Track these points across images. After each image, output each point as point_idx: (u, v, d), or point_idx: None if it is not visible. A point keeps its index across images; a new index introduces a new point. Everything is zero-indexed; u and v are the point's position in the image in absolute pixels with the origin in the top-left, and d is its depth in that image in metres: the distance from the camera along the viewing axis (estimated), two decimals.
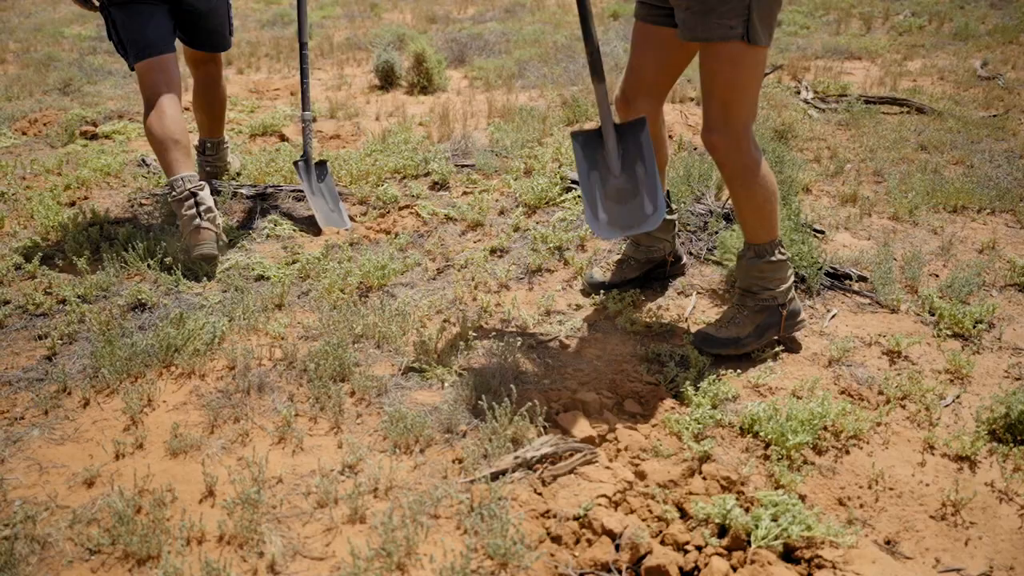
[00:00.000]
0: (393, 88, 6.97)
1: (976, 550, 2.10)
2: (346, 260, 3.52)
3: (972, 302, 3.24)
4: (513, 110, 5.76)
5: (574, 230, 3.73)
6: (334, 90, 6.86)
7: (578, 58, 7.64)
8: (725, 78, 2.58)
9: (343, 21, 10.68)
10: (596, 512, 2.07)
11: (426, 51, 6.84)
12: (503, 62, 7.57)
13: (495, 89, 6.80)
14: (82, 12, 10.76)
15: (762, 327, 2.85)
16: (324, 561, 1.97)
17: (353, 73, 7.59)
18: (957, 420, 2.59)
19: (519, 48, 8.24)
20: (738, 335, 2.84)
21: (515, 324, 3.07)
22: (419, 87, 6.84)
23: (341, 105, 6.08)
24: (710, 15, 2.51)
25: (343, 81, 7.15)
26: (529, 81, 6.97)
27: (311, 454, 2.36)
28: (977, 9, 9.29)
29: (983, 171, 4.61)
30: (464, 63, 7.85)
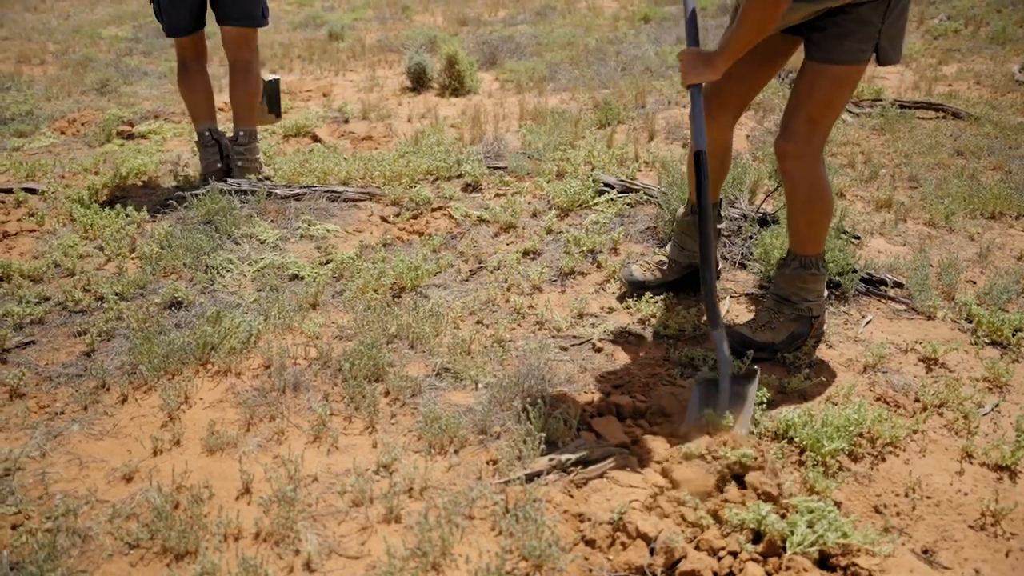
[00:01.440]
0: (425, 90, 7.00)
1: (1018, 562, 2.08)
2: (380, 260, 3.54)
3: (1011, 309, 3.20)
4: (545, 112, 5.77)
5: (607, 233, 3.72)
6: (366, 92, 6.90)
7: (608, 60, 7.64)
8: (825, 95, 2.63)
9: (374, 23, 10.73)
10: (630, 516, 2.06)
11: (458, 53, 6.86)
12: (534, 64, 7.57)
13: (526, 91, 6.80)
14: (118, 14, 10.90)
15: (795, 335, 2.89)
16: (360, 560, 1.99)
17: (385, 75, 7.63)
18: (996, 429, 2.56)
19: (550, 51, 8.25)
20: (773, 340, 2.86)
21: (548, 326, 3.07)
22: (451, 89, 6.86)
23: (373, 107, 6.12)
24: (845, 39, 2.55)
25: (375, 83, 7.19)
26: (560, 84, 6.97)
27: (346, 453, 2.37)
28: (1015, 13, 9.16)
29: (1021, 177, 4.55)
30: (495, 65, 7.86)
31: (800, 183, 2.75)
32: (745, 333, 2.88)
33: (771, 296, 2.95)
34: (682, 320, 3.07)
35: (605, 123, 5.55)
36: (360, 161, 4.68)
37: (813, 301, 2.89)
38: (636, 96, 6.20)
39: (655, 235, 3.70)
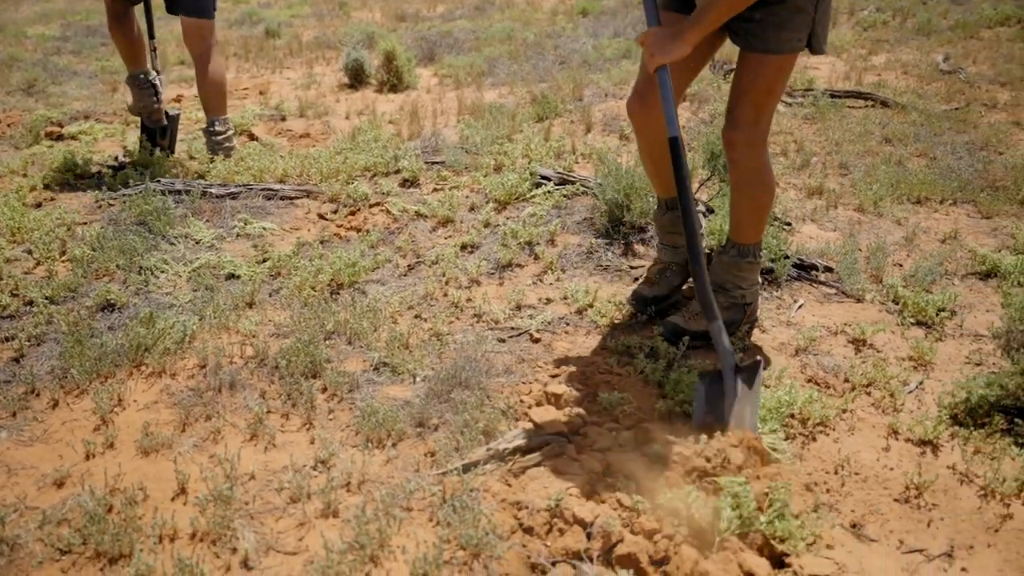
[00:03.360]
0: (363, 87, 6.96)
1: (938, 531, 2.14)
2: (317, 258, 3.52)
3: (935, 291, 3.29)
4: (483, 107, 5.78)
5: (544, 225, 3.75)
6: (303, 89, 6.84)
7: (546, 54, 7.68)
8: (767, 83, 2.66)
9: (312, 20, 10.64)
10: (567, 502, 2.08)
11: (396, 49, 6.84)
12: (473, 60, 7.58)
13: (465, 87, 6.81)
14: (45, 12, 10.65)
15: (728, 323, 2.87)
16: (297, 556, 1.98)
17: (322, 72, 7.57)
18: (920, 406, 2.64)
19: (488, 45, 8.26)
20: (706, 329, 2.81)
21: (486, 319, 3.09)
22: (389, 85, 6.83)
23: (311, 104, 6.07)
24: (783, 29, 2.57)
25: (312, 80, 7.13)
26: (499, 78, 6.99)
27: (283, 450, 2.36)
28: (939, 5, 9.42)
29: (945, 163, 4.68)
30: (434, 61, 7.85)
31: (747, 171, 2.77)
32: (678, 323, 2.90)
33: None
34: (618, 310, 3.10)
35: (543, 116, 5.58)
36: (297, 159, 4.64)
37: (747, 289, 2.93)
38: (573, 89, 6.24)
39: (592, 226, 3.74)
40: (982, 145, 5.04)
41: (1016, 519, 2.16)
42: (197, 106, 5.66)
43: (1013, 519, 2.16)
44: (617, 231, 3.64)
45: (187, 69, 7.21)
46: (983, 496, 2.25)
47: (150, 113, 4.68)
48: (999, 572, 2.00)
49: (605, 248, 3.57)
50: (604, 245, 3.59)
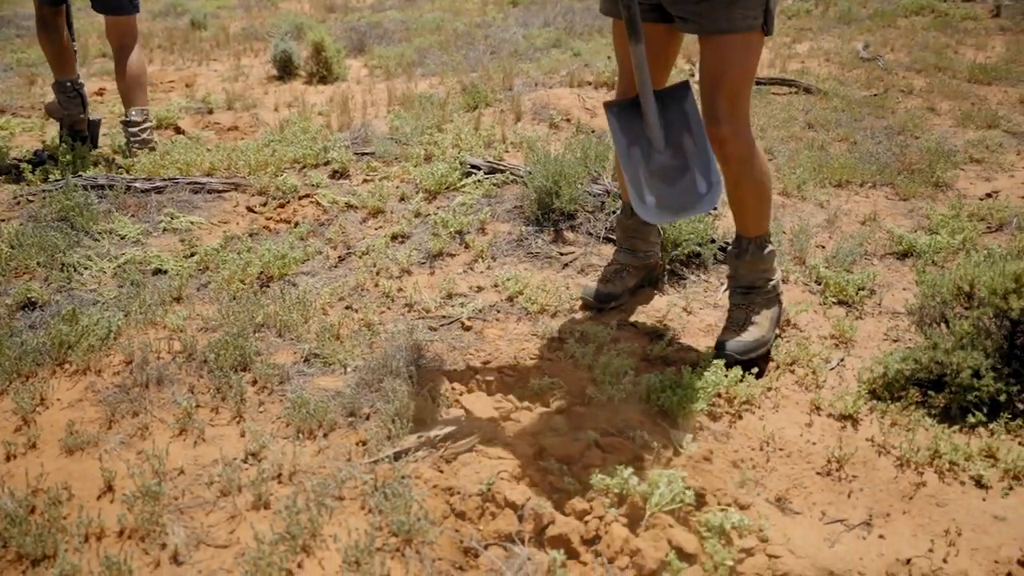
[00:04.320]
0: (292, 78, 6.89)
1: (858, 501, 2.22)
2: (246, 251, 3.48)
3: (855, 271, 3.39)
4: (413, 98, 5.77)
5: (474, 213, 3.76)
6: (231, 81, 6.74)
7: (477, 44, 7.68)
8: (739, 69, 2.54)
9: (239, 11, 10.47)
10: (499, 486, 2.11)
11: (324, 40, 6.78)
12: (403, 50, 7.55)
13: (395, 77, 6.78)
14: None
15: (774, 319, 2.82)
16: (228, 548, 1.97)
17: (250, 64, 7.46)
18: (841, 382, 2.73)
19: (419, 36, 8.23)
20: (763, 335, 2.75)
21: (418, 308, 3.09)
22: (318, 77, 6.77)
23: (238, 96, 5.99)
24: (734, 6, 2.46)
25: (240, 72, 7.03)
26: (429, 69, 6.98)
27: (213, 444, 2.34)
28: None
29: (865, 147, 4.82)
30: (363, 52, 7.80)
31: (742, 163, 2.63)
32: (735, 339, 2.71)
33: (736, 291, 2.83)
34: (549, 296, 3.13)
35: (473, 106, 5.59)
36: (224, 151, 4.58)
37: (776, 279, 2.84)
38: (503, 79, 6.25)
39: (522, 214, 3.76)
40: (899, 130, 5.19)
41: (929, 486, 2.25)
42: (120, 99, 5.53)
43: (926, 486, 2.25)
44: (547, 218, 3.67)
45: (108, 62, 7.03)
46: (899, 466, 2.33)
47: (74, 123, 4.63)
48: (913, 537, 2.08)
49: (535, 235, 3.60)
50: (534, 232, 3.62)
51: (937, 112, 5.72)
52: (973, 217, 3.92)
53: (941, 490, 2.24)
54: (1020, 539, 2.05)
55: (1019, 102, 5.94)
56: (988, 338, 2.56)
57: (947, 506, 2.18)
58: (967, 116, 5.52)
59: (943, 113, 5.72)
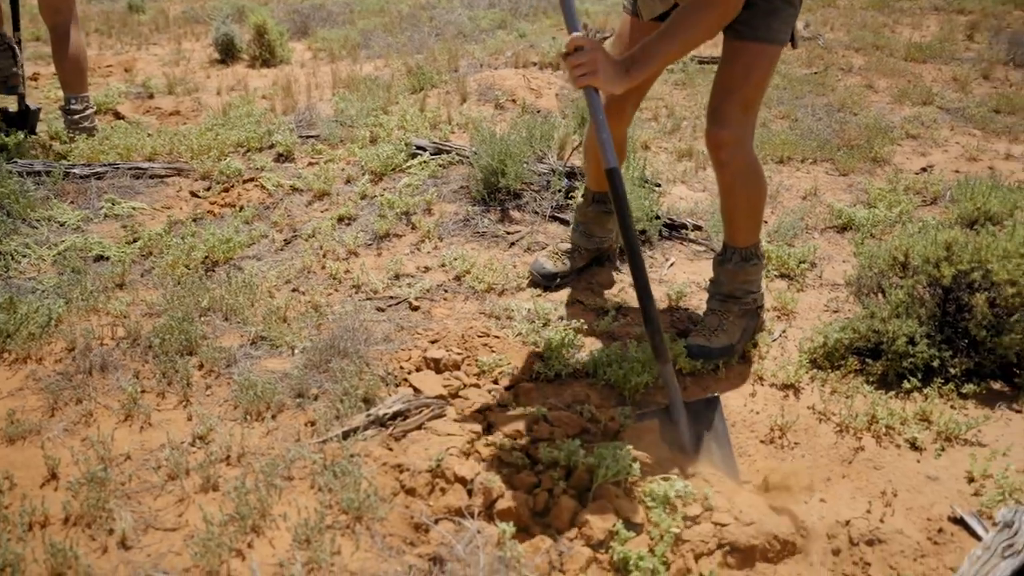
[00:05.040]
0: (234, 62, 6.79)
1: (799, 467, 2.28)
2: (190, 235, 3.44)
3: (796, 244, 3.46)
4: (358, 80, 5.73)
5: (420, 194, 3.76)
6: (172, 65, 6.62)
7: (422, 26, 7.64)
8: (758, 78, 2.50)
9: None
10: (448, 462, 2.12)
11: (267, 23, 6.70)
12: (347, 32, 7.48)
13: (339, 60, 6.72)
14: None
15: (747, 331, 2.77)
16: (177, 531, 1.96)
17: (191, 48, 7.34)
18: (783, 352, 2.79)
19: (363, 18, 8.17)
20: (730, 342, 2.70)
21: (365, 289, 3.09)
22: (261, 60, 6.69)
23: (180, 81, 5.89)
24: (772, 17, 2.44)
25: (181, 56, 6.91)
26: (374, 51, 6.93)
27: (160, 429, 2.33)
28: None
29: (806, 124, 4.91)
30: (307, 35, 7.72)
31: (739, 171, 2.59)
32: (702, 343, 2.68)
33: (715, 297, 2.80)
34: (496, 275, 3.15)
35: (418, 88, 5.57)
36: (166, 136, 4.51)
37: (757, 292, 2.79)
38: (449, 60, 6.24)
39: (468, 194, 3.77)
40: (839, 107, 5.30)
41: (867, 450, 2.32)
42: (56, 85, 5.41)
43: (864, 451, 2.32)
44: (493, 198, 3.69)
45: (43, 46, 6.88)
46: (839, 432, 2.40)
47: (7, 78, 4.41)
48: (852, 499, 2.14)
49: (481, 215, 3.61)
50: (480, 212, 3.63)
51: (875, 89, 5.84)
52: (909, 191, 4.03)
53: (878, 454, 2.31)
54: (951, 497, 2.13)
55: (952, 79, 6.08)
56: (922, 306, 2.64)
57: (884, 468, 2.25)
58: (903, 93, 5.64)
59: (881, 90, 5.84)
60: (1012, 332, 2.53)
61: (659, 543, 1.92)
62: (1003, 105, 5.45)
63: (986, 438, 2.36)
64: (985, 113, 5.31)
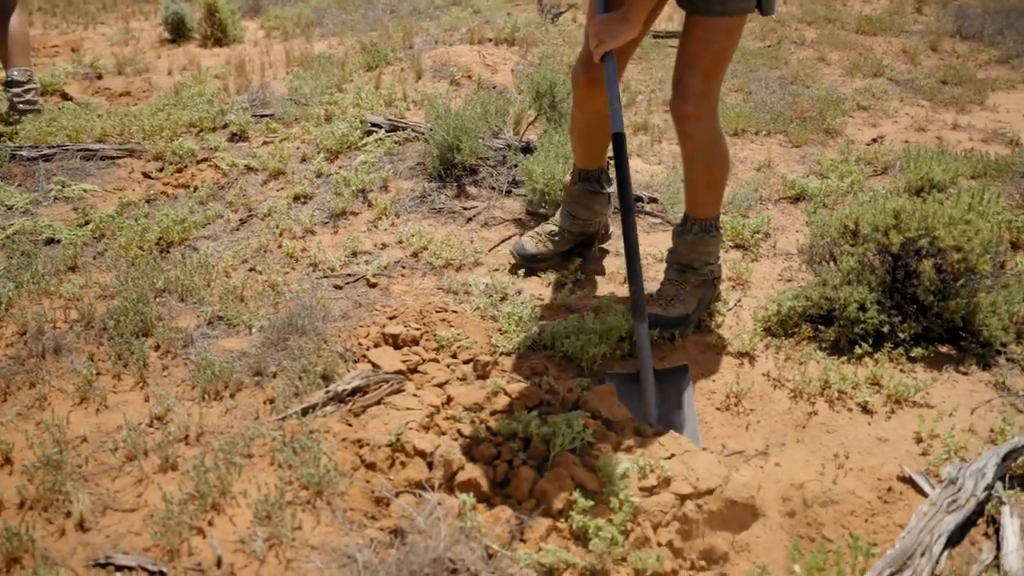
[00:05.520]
0: (185, 41, 6.68)
1: (755, 433, 2.33)
2: (143, 217, 3.40)
3: (751, 215, 3.51)
4: (312, 58, 5.67)
5: (376, 172, 3.75)
6: (120, 45, 6.50)
7: (376, 3, 7.57)
8: (718, 49, 2.51)
9: None
10: (408, 436, 2.13)
11: (218, 1, 6.58)
12: (300, 10, 7.40)
13: (293, 38, 6.65)
14: None
15: (703, 301, 2.80)
16: (136, 511, 1.96)
17: (140, 27, 7.21)
18: (738, 321, 2.83)
19: None
20: (685, 312, 2.73)
21: (322, 267, 3.08)
22: (213, 39, 6.58)
23: (129, 61, 5.78)
24: None
25: (130, 35, 6.78)
26: (328, 29, 6.86)
27: (116, 410, 2.31)
28: None
29: (759, 97, 4.95)
30: (259, 13, 7.62)
31: (700, 144, 2.62)
32: (659, 312, 2.70)
33: (673, 267, 2.81)
34: (453, 250, 3.16)
35: (373, 65, 5.53)
36: (116, 117, 4.43)
37: (714, 264, 2.81)
38: (404, 37, 6.19)
39: (424, 170, 3.76)
40: (792, 79, 5.35)
41: (820, 415, 2.37)
42: None
43: (818, 415, 2.37)
44: (449, 174, 3.68)
45: None
46: (793, 397, 2.45)
47: None
48: (806, 463, 2.19)
49: (438, 191, 3.61)
50: (437, 188, 3.63)
51: (827, 62, 5.90)
52: (860, 161, 4.09)
53: (831, 417, 2.36)
54: (900, 457, 2.19)
55: (902, 52, 6.17)
56: (872, 273, 2.69)
57: (836, 432, 2.31)
58: (855, 65, 5.71)
59: (832, 63, 5.91)
60: (958, 297, 2.59)
61: (618, 512, 1.95)
62: (950, 76, 5.54)
63: (934, 400, 2.42)
64: (933, 84, 5.40)
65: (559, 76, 4.15)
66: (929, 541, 1.84)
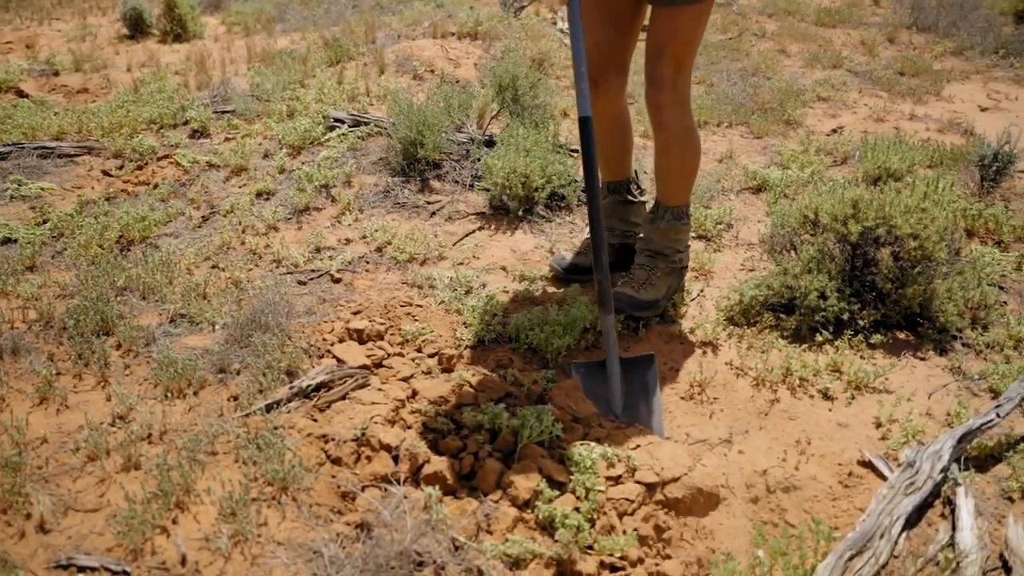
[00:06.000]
0: (144, 37, 6.61)
1: (719, 421, 2.35)
2: (103, 215, 3.36)
3: (713, 206, 3.54)
4: (274, 54, 5.63)
5: (339, 167, 3.73)
6: (77, 41, 6.41)
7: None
8: (687, 36, 2.55)
9: None
10: (373, 430, 2.13)
11: None
12: (262, 6, 7.34)
13: (254, 34, 6.60)
14: None
15: (672, 288, 2.82)
16: (99, 512, 1.94)
17: (98, 23, 7.11)
18: (702, 311, 2.85)
19: None
20: (656, 297, 2.75)
21: (286, 263, 3.07)
22: (173, 35, 6.52)
23: (87, 57, 5.71)
24: None
25: (87, 32, 6.69)
26: (290, 24, 6.81)
27: (77, 410, 2.28)
28: None
29: (721, 89, 4.99)
30: (220, 8, 7.55)
31: (676, 132, 2.66)
32: (632, 294, 2.72)
33: (643, 252, 2.83)
34: (417, 245, 3.15)
35: (336, 60, 5.50)
36: (74, 114, 4.38)
37: (684, 252, 2.85)
38: (366, 32, 6.17)
39: (387, 165, 3.76)
40: (753, 71, 5.40)
41: (782, 402, 2.40)
42: None
43: (780, 402, 2.40)
44: (413, 168, 3.68)
45: None
46: (755, 385, 2.48)
47: None
48: (768, 450, 2.21)
49: (401, 186, 3.60)
50: (400, 183, 3.62)
51: (787, 54, 5.96)
52: (820, 151, 4.14)
53: (793, 404, 2.39)
54: (860, 442, 2.22)
55: (860, 43, 6.25)
56: (832, 261, 2.73)
57: (798, 419, 2.34)
58: (814, 57, 5.78)
59: (793, 55, 5.97)
60: (915, 283, 2.63)
61: (584, 501, 1.96)
62: (907, 67, 5.62)
63: (892, 385, 2.46)
64: (891, 75, 5.48)
65: (521, 70, 4.16)
66: (888, 523, 1.88)
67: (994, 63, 6.02)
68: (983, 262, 2.98)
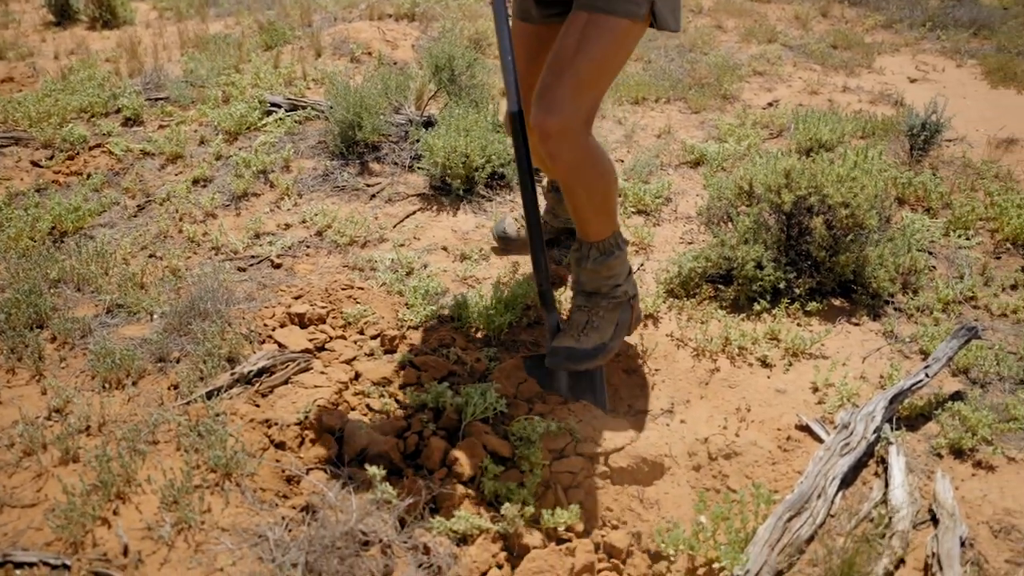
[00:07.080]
0: (72, 24, 6.43)
1: (660, 392, 2.39)
2: (33, 207, 3.28)
3: (652, 181, 3.57)
4: (207, 39, 5.52)
5: (277, 152, 3.69)
6: (0, 29, 6.22)
7: None
8: (600, 53, 2.07)
9: None
10: (316, 413, 2.13)
11: None
12: None
13: (187, 19, 6.46)
14: None
15: (621, 325, 2.40)
16: (36, 506, 1.90)
17: (21, 9, 6.90)
18: (642, 285, 2.89)
19: None
20: (602, 341, 2.33)
21: (225, 250, 3.03)
22: (102, 22, 6.35)
23: (10, 45, 5.55)
24: None
25: (9, 18, 6.49)
26: (224, 9, 6.69)
27: (11, 406, 2.23)
28: None
29: (659, 65, 5.02)
30: None
31: (572, 167, 2.16)
32: (572, 345, 2.30)
33: (579, 294, 2.42)
34: (358, 228, 3.13)
35: (271, 45, 5.42)
36: None
37: (625, 283, 2.40)
38: (302, 15, 6.08)
39: (326, 149, 3.72)
40: (690, 47, 5.44)
41: (722, 371, 2.44)
42: None
43: (720, 371, 2.44)
44: (351, 151, 3.65)
45: None
46: (696, 356, 2.52)
47: None
48: (710, 418, 2.26)
49: (341, 169, 3.57)
50: (339, 166, 3.59)
51: (724, 29, 6.02)
52: (757, 125, 4.20)
53: (733, 373, 2.44)
54: (798, 407, 2.28)
55: (795, 18, 6.33)
56: (767, 232, 2.77)
57: (738, 387, 2.38)
58: (750, 32, 5.84)
59: (729, 30, 6.03)
60: (848, 251, 2.69)
61: (529, 476, 1.98)
62: (840, 41, 5.72)
63: (828, 351, 2.52)
64: (824, 49, 5.56)
65: (458, 50, 4.14)
66: (824, 484, 1.93)
67: (922, 35, 6.15)
68: (913, 228, 3.06)
